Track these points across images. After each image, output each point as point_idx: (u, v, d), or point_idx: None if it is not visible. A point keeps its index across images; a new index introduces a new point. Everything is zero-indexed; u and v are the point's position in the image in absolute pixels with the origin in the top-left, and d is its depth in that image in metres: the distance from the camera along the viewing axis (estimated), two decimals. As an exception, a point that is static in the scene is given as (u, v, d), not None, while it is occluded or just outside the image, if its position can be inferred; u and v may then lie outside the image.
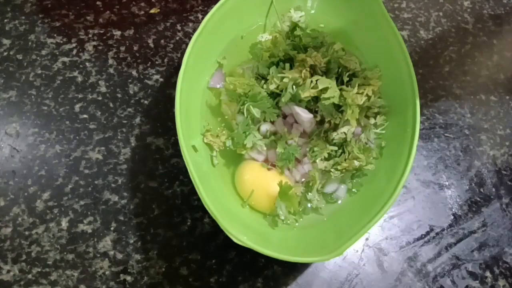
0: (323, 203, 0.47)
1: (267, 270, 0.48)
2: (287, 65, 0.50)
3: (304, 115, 0.48)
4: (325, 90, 0.46)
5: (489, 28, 0.68)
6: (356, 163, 0.47)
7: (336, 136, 0.48)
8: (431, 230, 0.52)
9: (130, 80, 0.58)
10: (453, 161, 0.57)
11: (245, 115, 0.47)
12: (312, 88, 0.47)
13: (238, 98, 0.48)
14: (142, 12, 0.63)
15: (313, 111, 0.49)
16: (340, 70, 0.49)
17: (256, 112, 0.47)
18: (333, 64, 0.49)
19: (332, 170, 0.47)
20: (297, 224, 0.47)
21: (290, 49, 0.51)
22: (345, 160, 0.47)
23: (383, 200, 0.43)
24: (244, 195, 0.47)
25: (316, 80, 0.47)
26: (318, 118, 0.49)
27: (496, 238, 0.52)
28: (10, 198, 0.49)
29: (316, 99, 0.48)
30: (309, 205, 0.47)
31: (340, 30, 0.58)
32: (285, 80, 0.48)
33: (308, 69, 0.49)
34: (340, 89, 0.47)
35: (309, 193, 0.47)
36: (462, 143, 0.58)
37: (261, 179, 0.47)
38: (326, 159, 0.48)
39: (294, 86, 0.47)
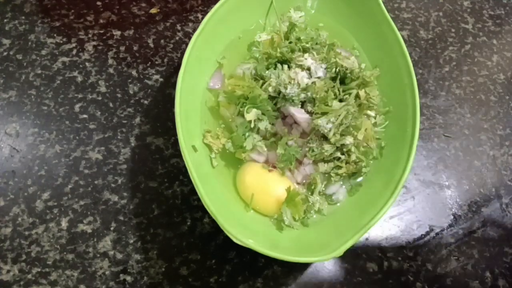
0: (325, 205, 0.47)
1: (267, 270, 0.47)
2: (285, 66, 0.50)
3: (299, 115, 0.48)
4: (323, 113, 0.46)
5: (489, 28, 0.68)
6: (356, 166, 0.47)
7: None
8: (431, 230, 0.52)
9: (130, 80, 0.58)
10: (453, 161, 0.57)
11: (245, 117, 0.47)
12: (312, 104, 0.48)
13: (237, 100, 0.48)
14: (142, 12, 0.63)
15: (310, 112, 0.49)
16: (338, 70, 0.49)
17: (255, 114, 0.47)
18: (331, 64, 0.49)
19: (332, 174, 0.47)
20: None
21: (287, 51, 0.51)
22: (345, 163, 0.47)
23: (383, 200, 0.43)
24: (245, 197, 0.47)
25: (313, 82, 0.48)
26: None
27: (496, 238, 0.52)
28: (10, 198, 0.49)
29: (314, 100, 0.48)
30: (314, 215, 0.47)
31: (340, 30, 0.58)
32: (281, 80, 0.48)
33: (306, 70, 0.49)
34: (340, 100, 0.48)
35: (312, 196, 0.47)
36: (462, 143, 0.58)
37: (263, 181, 0.47)
38: (327, 161, 0.48)
39: (290, 87, 0.47)
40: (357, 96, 0.49)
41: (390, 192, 0.43)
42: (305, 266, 0.48)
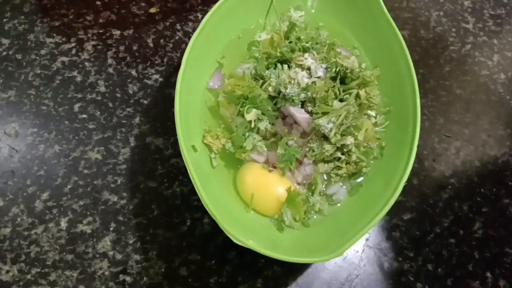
0: (326, 205, 0.47)
1: (267, 270, 0.47)
2: (285, 66, 0.50)
3: (299, 115, 0.47)
4: (323, 113, 0.46)
5: (489, 28, 0.68)
6: (357, 166, 0.47)
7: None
8: (432, 230, 0.52)
9: (129, 80, 0.57)
10: (454, 161, 0.57)
11: (245, 117, 0.47)
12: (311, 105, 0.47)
13: (236, 100, 0.48)
14: (142, 12, 0.63)
15: (311, 111, 0.49)
16: (338, 69, 0.49)
17: (255, 114, 0.47)
18: (331, 64, 0.49)
19: (332, 175, 0.47)
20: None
21: (287, 51, 0.50)
22: (346, 164, 0.47)
23: (383, 200, 0.43)
24: (246, 197, 0.47)
25: (313, 82, 0.47)
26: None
27: (497, 238, 0.52)
28: (9, 198, 0.49)
29: (314, 99, 0.48)
30: (314, 216, 0.47)
31: (340, 30, 0.58)
32: (281, 80, 0.48)
33: (306, 69, 0.49)
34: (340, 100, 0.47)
35: (312, 196, 0.47)
36: (462, 143, 0.58)
37: (263, 181, 0.47)
38: (327, 161, 0.48)
39: (290, 87, 0.47)
40: (358, 96, 0.49)
41: (391, 192, 0.43)
42: (305, 266, 0.48)
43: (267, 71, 0.49)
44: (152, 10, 0.63)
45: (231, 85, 0.49)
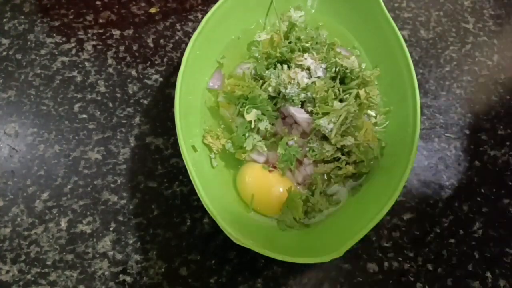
0: (326, 206, 0.47)
1: (267, 270, 0.47)
2: (285, 66, 0.50)
3: (299, 115, 0.47)
4: (323, 114, 0.46)
5: (489, 28, 0.68)
6: (357, 166, 0.47)
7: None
8: (432, 230, 0.52)
9: (129, 80, 0.57)
10: (454, 161, 0.57)
11: (245, 117, 0.47)
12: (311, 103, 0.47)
13: (236, 100, 0.48)
14: (142, 12, 0.63)
15: (311, 112, 0.49)
16: (338, 69, 0.49)
17: (255, 114, 0.47)
18: (331, 64, 0.49)
19: (332, 175, 0.47)
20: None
21: (287, 51, 0.51)
22: (346, 164, 0.47)
23: (383, 200, 0.43)
24: (246, 198, 0.47)
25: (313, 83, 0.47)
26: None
27: (497, 238, 0.52)
28: (9, 198, 0.49)
29: (313, 99, 0.48)
30: (314, 216, 0.47)
31: (340, 30, 0.58)
32: (281, 80, 0.48)
33: (305, 69, 0.49)
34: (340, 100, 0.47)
35: (312, 196, 0.47)
36: (462, 143, 0.58)
37: (263, 182, 0.47)
38: (327, 162, 0.48)
39: (290, 87, 0.47)
40: (357, 96, 0.49)
41: (390, 192, 0.43)
42: (305, 266, 0.48)
43: (267, 71, 0.49)
44: (152, 10, 0.63)
45: (231, 85, 0.49)
